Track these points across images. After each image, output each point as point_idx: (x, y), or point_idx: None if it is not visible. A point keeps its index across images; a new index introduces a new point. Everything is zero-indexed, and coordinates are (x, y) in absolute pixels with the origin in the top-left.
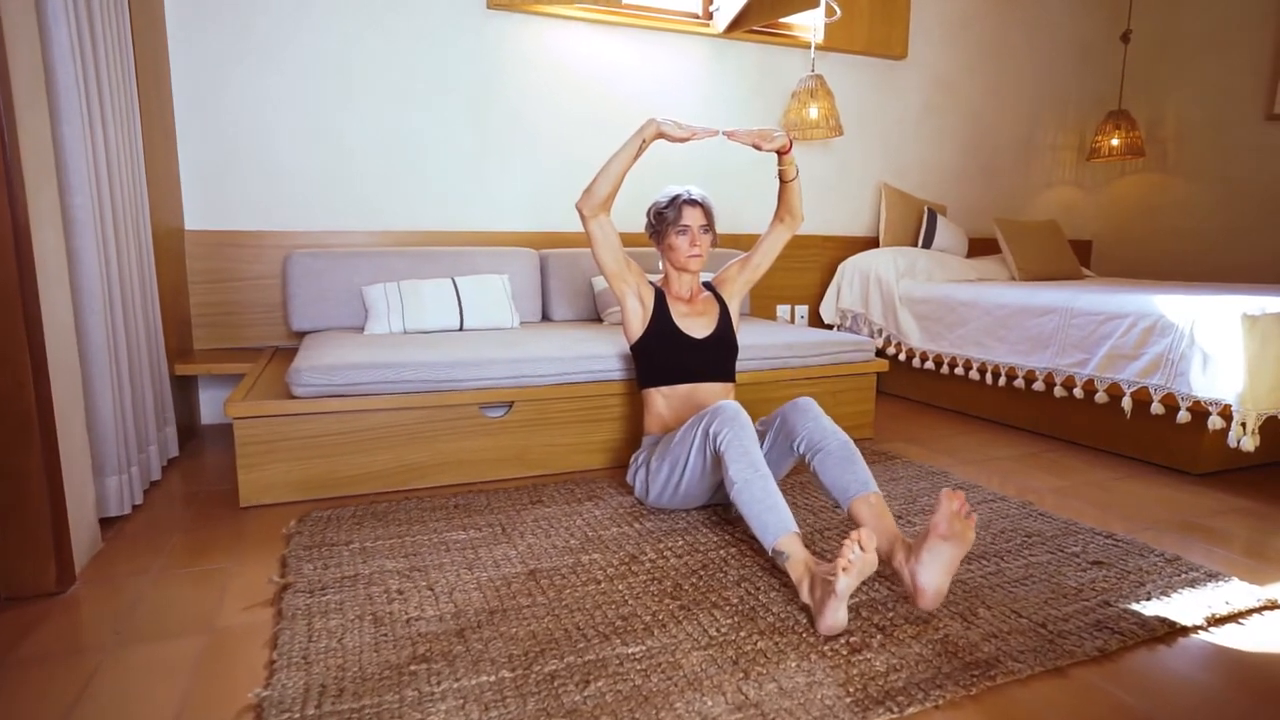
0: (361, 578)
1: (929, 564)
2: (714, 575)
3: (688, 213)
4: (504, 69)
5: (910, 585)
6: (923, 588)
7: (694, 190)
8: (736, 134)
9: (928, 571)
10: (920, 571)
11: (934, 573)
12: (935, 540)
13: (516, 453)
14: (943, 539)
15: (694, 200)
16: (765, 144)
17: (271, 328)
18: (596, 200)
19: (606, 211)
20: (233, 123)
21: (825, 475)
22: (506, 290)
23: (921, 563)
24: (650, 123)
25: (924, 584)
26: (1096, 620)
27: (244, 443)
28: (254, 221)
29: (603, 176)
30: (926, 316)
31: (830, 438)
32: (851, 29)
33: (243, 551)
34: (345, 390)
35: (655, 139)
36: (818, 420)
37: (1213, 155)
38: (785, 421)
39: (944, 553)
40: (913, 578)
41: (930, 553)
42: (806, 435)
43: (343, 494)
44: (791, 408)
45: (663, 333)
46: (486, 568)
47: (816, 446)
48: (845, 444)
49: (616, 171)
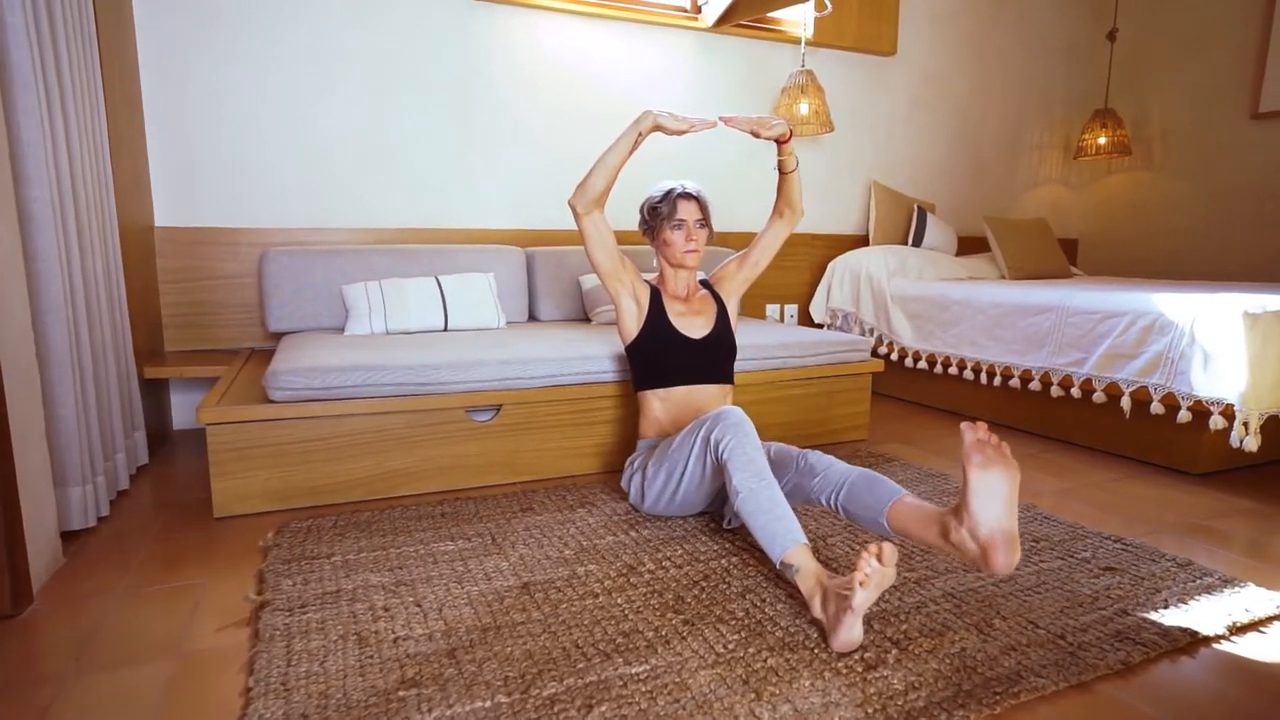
0: (344, 594)
1: (983, 506)
2: (716, 587)
3: (683, 207)
4: (489, 61)
5: (975, 546)
6: (988, 536)
7: (689, 184)
8: (734, 120)
9: (985, 514)
10: (977, 517)
11: (992, 512)
12: (974, 475)
13: (505, 458)
14: (980, 468)
15: (689, 194)
16: (764, 131)
17: (247, 329)
18: (590, 196)
19: (600, 208)
20: (205, 115)
21: (853, 504)
22: (492, 289)
23: (973, 511)
24: (646, 115)
25: (987, 531)
26: (1116, 630)
27: (217, 450)
28: (228, 218)
29: (597, 171)
30: (919, 315)
31: (847, 474)
32: (841, 24)
33: (216, 566)
34: (325, 394)
35: (652, 132)
36: (829, 469)
37: (1198, 154)
38: (797, 486)
39: (990, 485)
40: (973, 534)
41: (977, 495)
42: (823, 488)
43: (323, 503)
44: (800, 473)
45: (659, 333)
46: (477, 581)
47: (837, 483)
48: (863, 473)
49: (611, 165)
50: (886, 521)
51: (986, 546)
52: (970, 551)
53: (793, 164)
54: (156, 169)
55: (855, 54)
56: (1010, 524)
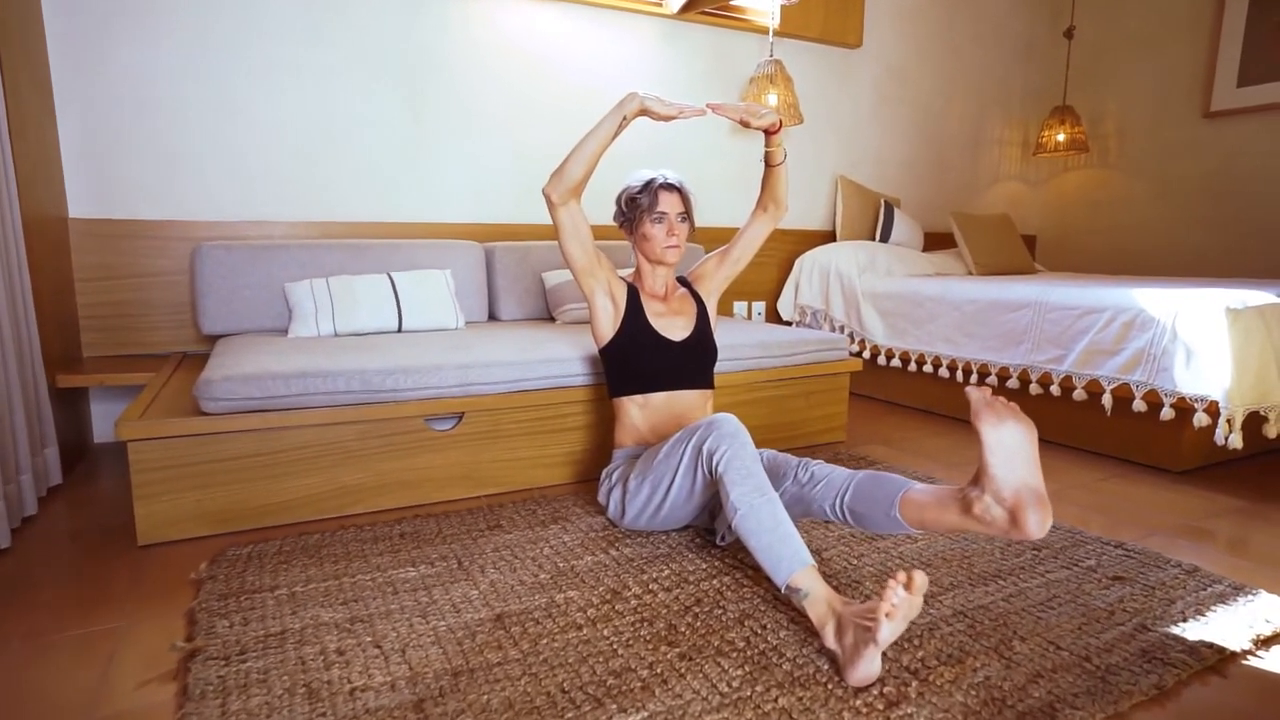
0: (291, 635)
1: (1003, 464)
2: (711, 612)
3: (664, 198)
4: (446, 45)
5: (1003, 511)
6: (1015, 496)
7: (670, 174)
8: (722, 108)
9: (1008, 473)
10: (1000, 479)
11: (1015, 471)
12: (989, 433)
13: (468, 469)
14: (994, 426)
15: (671, 184)
16: (754, 120)
17: (178, 331)
18: (567, 184)
19: (578, 198)
20: (127, 97)
21: (861, 504)
22: (449, 287)
23: (994, 474)
24: (632, 97)
25: (1012, 491)
26: (1141, 649)
27: (141, 469)
28: (155, 209)
29: (575, 157)
30: (891, 312)
31: (848, 478)
32: (807, 14)
33: (139, 605)
34: (266, 404)
35: (638, 116)
36: (830, 477)
37: (1152, 152)
38: (798, 498)
39: (1008, 442)
40: (998, 498)
41: (995, 454)
42: (825, 496)
43: (266, 525)
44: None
45: (637, 335)
46: (444, 614)
47: (841, 487)
48: (866, 474)
49: (592, 151)
50: (900, 514)
51: (1015, 509)
52: (998, 520)
53: (780, 156)
54: (70, 156)
55: (821, 45)
56: (1037, 481)
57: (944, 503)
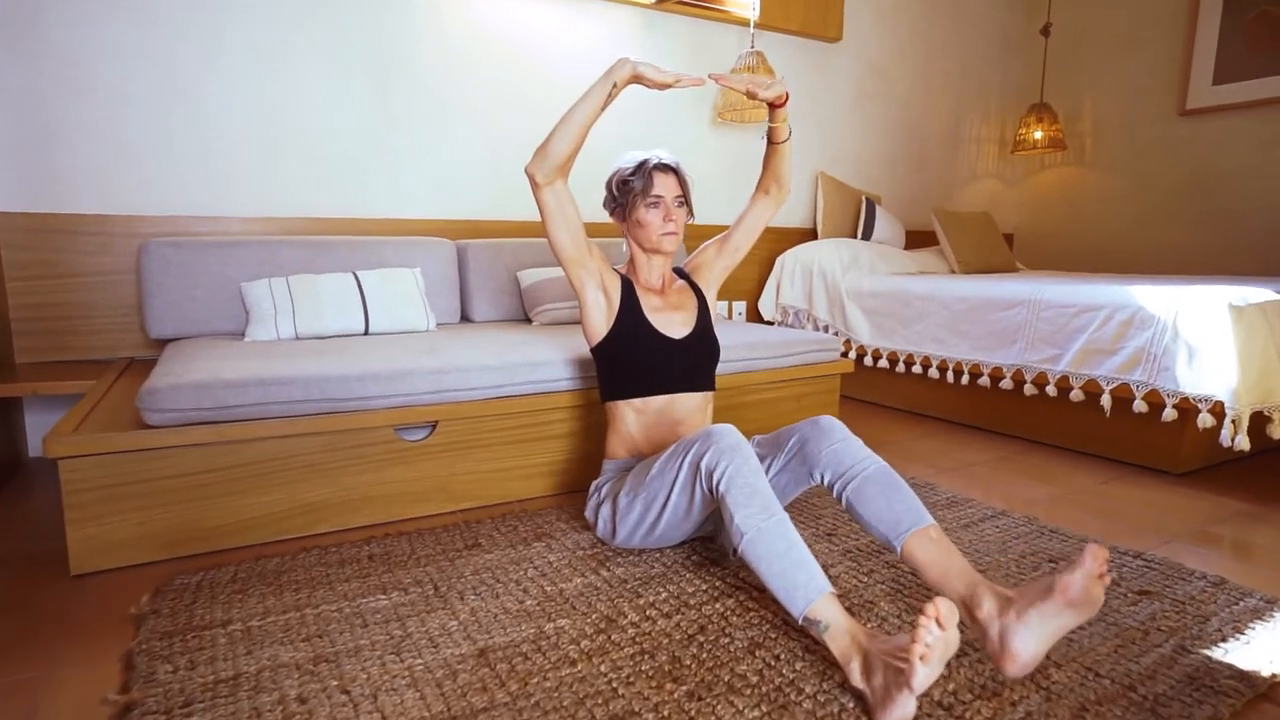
0: (245, 680)
1: (1035, 628)
2: (717, 641)
3: (659, 180)
4: (415, 32)
5: (997, 645)
6: (1015, 653)
7: (664, 154)
8: (726, 78)
9: (1029, 636)
10: (1018, 633)
11: (1036, 640)
12: (1058, 604)
13: (442, 482)
14: (1069, 605)
15: (666, 165)
16: (761, 91)
17: (124, 335)
18: (552, 161)
19: (564, 177)
20: (64, 80)
21: (866, 508)
22: (419, 286)
23: (1026, 624)
24: (623, 62)
25: (1018, 649)
26: (1187, 675)
27: (74, 489)
28: (96, 203)
29: (561, 130)
30: (877, 311)
31: (865, 461)
32: (788, 7)
33: (67, 648)
34: (219, 415)
35: (630, 83)
36: (846, 442)
37: (1128, 149)
38: (803, 444)
39: (1061, 620)
40: (1003, 638)
41: (1043, 617)
42: (833, 460)
43: (219, 548)
44: (811, 427)
45: (633, 332)
46: (420, 650)
47: (849, 472)
48: (884, 469)
49: (580, 123)
50: (902, 550)
51: (1007, 654)
52: (990, 640)
53: (785, 133)
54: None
55: (802, 39)
56: (1041, 655)
57: (954, 575)
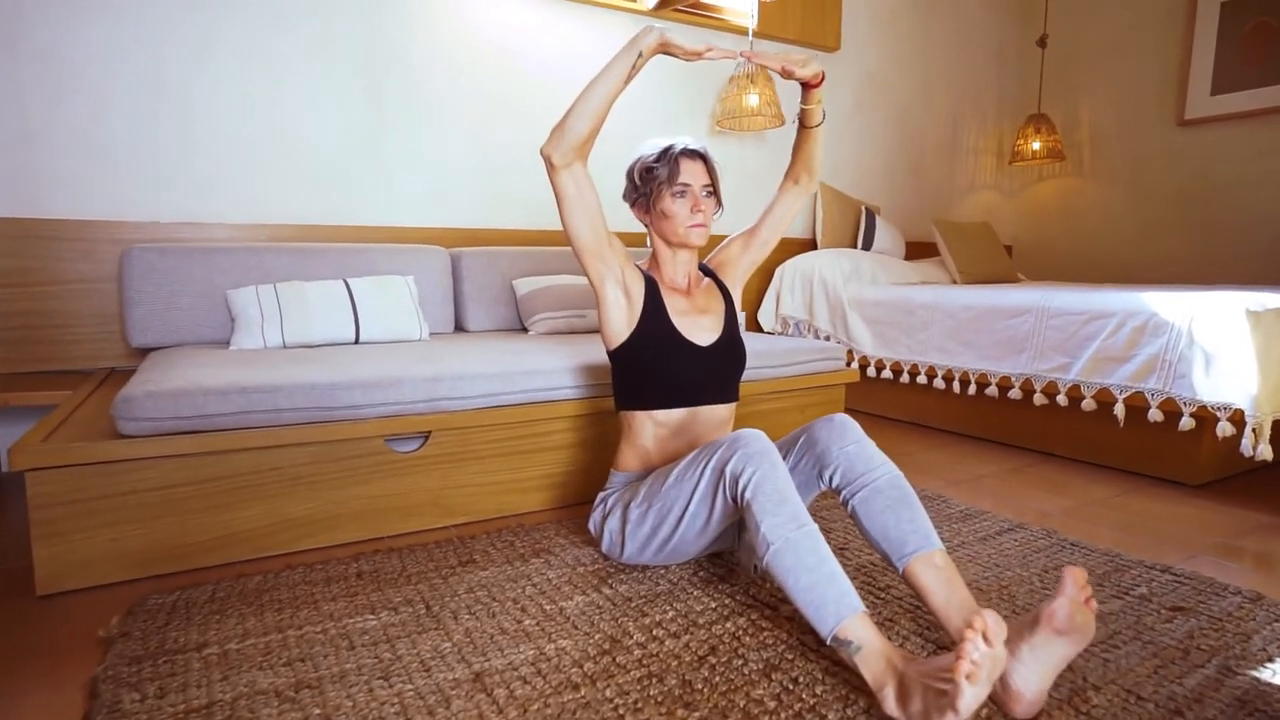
0: (220, 709)
1: (1031, 663)
2: (730, 663)
3: (686, 168)
4: (407, 36)
5: (999, 688)
6: (1019, 692)
7: (690, 139)
8: (761, 55)
9: (1028, 673)
10: (1016, 671)
11: (1036, 675)
12: (1047, 634)
13: (435, 496)
14: (1058, 634)
15: (694, 150)
16: (797, 70)
17: (105, 344)
18: (571, 141)
19: (583, 159)
20: (43, 80)
21: (871, 521)
22: (413, 295)
23: (1021, 660)
24: (649, 30)
25: (1021, 688)
26: (1235, 698)
27: (41, 503)
28: (77, 207)
29: (580, 107)
30: (880, 321)
31: (878, 470)
32: (785, 16)
33: (29, 676)
34: (198, 424)
35: (657, 53)
36: (860, 445)
37: (1125, 160)
38: (814, 443)
39: (1056, 650)
40: (1004, 679)
41: (1035, 649)
42: (844, 463)
43: (197, 566)
44: (825, 425)
45: (657, 337)
46: (411, 674)
47: (859, 480)
48: (896, 480)
49: (601, 98)
50: (904, 571)
51: (1011, 695)
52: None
53: (819, 116)
54: None
55: (799, 48)
56: (1045, 690)
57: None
